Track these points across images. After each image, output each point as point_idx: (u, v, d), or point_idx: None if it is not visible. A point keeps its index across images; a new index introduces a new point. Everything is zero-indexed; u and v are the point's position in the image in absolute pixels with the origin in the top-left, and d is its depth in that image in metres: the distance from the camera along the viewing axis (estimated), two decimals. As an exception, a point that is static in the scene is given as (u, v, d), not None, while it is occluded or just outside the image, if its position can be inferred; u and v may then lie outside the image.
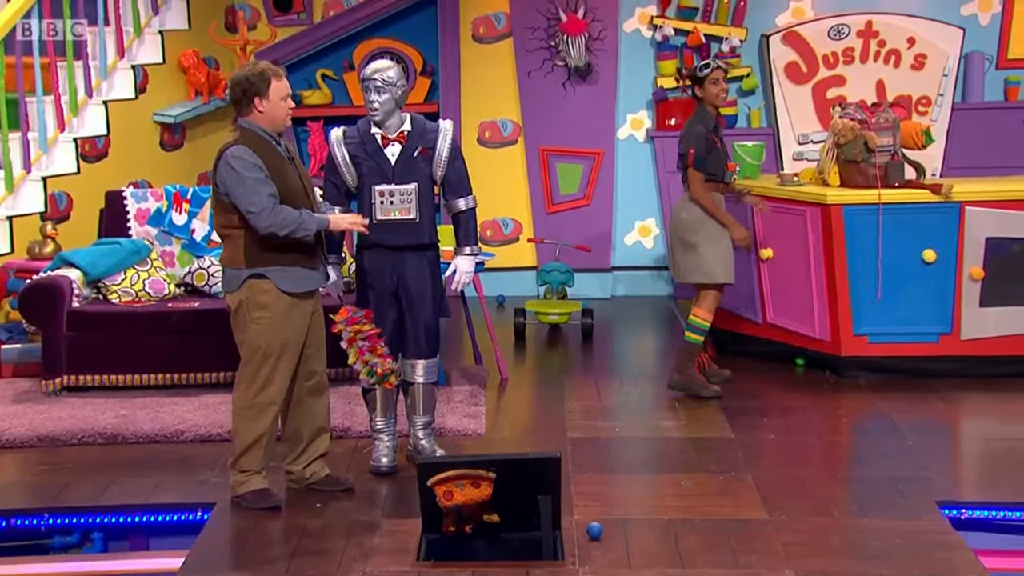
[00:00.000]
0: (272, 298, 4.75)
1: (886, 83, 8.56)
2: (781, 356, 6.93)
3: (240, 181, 4.63)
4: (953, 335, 6.54)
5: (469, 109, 8.97)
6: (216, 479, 5.22)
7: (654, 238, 9.12)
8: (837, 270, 6.52)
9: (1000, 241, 6.49)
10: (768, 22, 8.78)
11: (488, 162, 9.00)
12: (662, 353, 7.60)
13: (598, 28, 8.73)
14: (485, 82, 8.96)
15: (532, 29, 8.79)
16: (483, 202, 9.06)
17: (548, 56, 8.81)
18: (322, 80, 9.17)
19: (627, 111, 8.99)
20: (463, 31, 8.90)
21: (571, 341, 7.79)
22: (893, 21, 8.52)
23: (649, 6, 8.86)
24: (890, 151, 6.55)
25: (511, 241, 9.11)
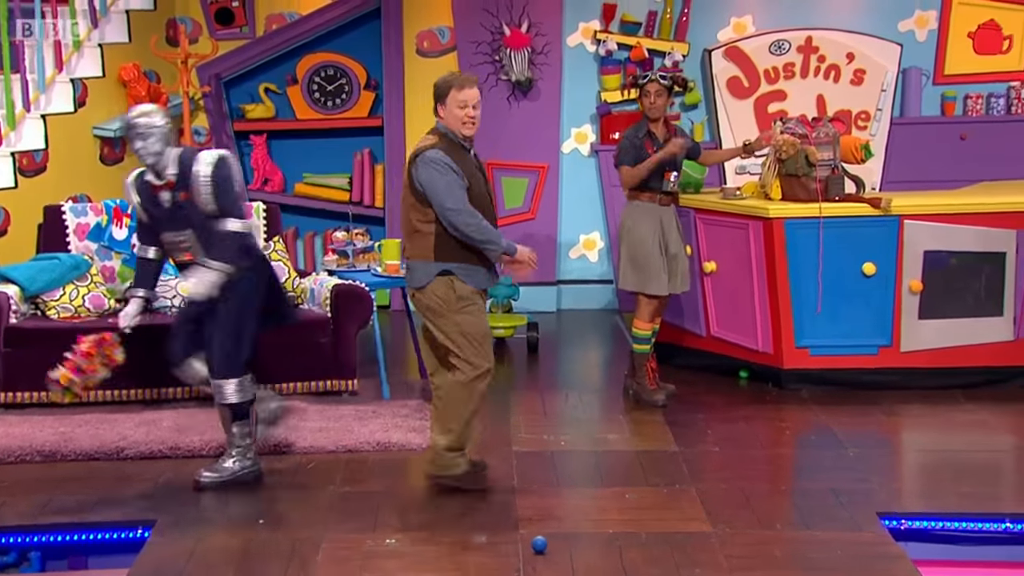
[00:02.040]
0: (468, 291, 5.08)
1: (826, 98, 8.66)
2: (724, 369, 6.97)
3: (438, 178, 4.98)
4: (893, 347, 6.61)
5: (413, 123, 8.94)
6: (158, 496, 5.14)
7: (599, 252, 9.14)
8: (779, 283, 6.57)
9: (938, 254, 6.58)
10: (710, 37, 8.86)
11: (433, 176, 8.99)
12: (607, 366, 7.61)
13: (542, 42, 8.76)
14: (429, 96, 8.82)
15: (476, 43, 8.80)
16: (428, 216, 9.22)
17: (492, 70, 8.81)
18: (265, 94, 9.11)
19: (571, 125, 9.02)
20: (407, 45, 8.89)
21: (517, 355, 7.78)
22: (833, 37, 8.63)
23: (592, 21, 8.90)
24: (830, 165, 6.62)
25: (456, 255, 9.08)
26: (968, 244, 6.55)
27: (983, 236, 6.53)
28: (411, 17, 8.87)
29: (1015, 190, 7.13)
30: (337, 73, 9.06)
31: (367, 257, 7.02)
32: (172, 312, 6.70)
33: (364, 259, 7.01)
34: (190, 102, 8.75)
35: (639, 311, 6.50)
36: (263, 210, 7.15)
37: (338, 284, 6.60)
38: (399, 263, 6.77)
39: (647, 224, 6.40)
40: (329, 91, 9.08)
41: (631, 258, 6.43)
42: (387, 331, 8.24)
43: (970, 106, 8.83)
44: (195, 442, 5.74)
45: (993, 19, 8.83)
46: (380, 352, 6.65)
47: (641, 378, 6.53)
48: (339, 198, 9.10)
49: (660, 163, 6.32)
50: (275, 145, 9.21)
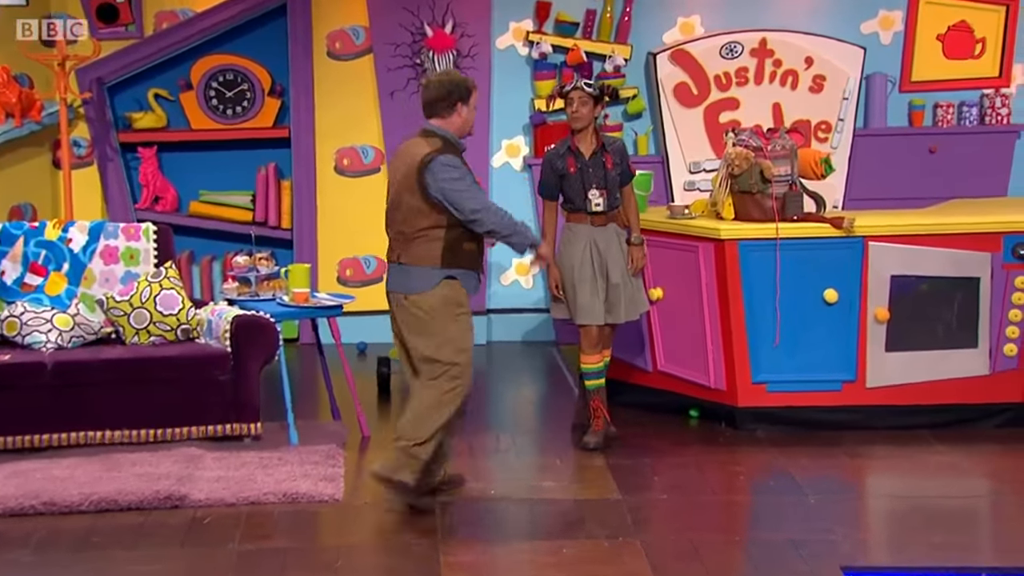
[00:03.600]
0: (465, 297, 5.60)
1: (783, 106, 8.80)
2: (673, 407, 7.02)
3: (459, 181, 5.50)
4: (858, 383, 6.70)
5: (324, 134, 8.92)
6: (28, 559, 5.06)
7: (534, 277, 9.16)
8: (732, 312, 6.65)
9: (906, 279, 6.69)
10: (655, 39, 8.96)
11: (347, 193, 8.98)
12: (543, 404, 7.62)
13: (468, 44, 8.80)
14: (342, 104, 8.94)
15: (395, 45, 8.81)
16: (342, 238, 9.21)
17: (413, 75, 8.82)
18: (155, 101, 9.03)
19: (502, 136, 9.05)
20: (317, 46, 8.88)
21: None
22: (789, 39, 8.77)
23: (525, 20, 8.96)
24: (787, 181, 6.70)
25: (374, 281, 9.05)
26: (939, 268, 6.67)
27: (955, 260, 6.66)
28: (321, 15, 8.87)
29: (990, 208, 7.28)
30: (237, 78, 9.01)
31: (272, 285, 6.98)
32: (47, 348, 6.61)
33: (269, 287, 6.97)
34: (68, 110, 8.65)
35: (580, 343, 6.58)
36: (153, 232, 7.09)
37: (239, 315, 6.56)
38: (307, 291, 6.75)
39: (577, 248, 6.47)
40: (228, 98, 9.03)
41: (570, 283, 6.49)
42: (295, 367, 8.18)
43: (940, 116, 9.01)
44: (74, 496, 5.66)
45: (964, 20, 9.01)
46: (287, 392, 6.60)
47: (589, 417, 6.60)
48: (240, 218, 9.04)
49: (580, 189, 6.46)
50: (167, 159, 9.13)
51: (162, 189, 9.06)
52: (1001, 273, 6.64)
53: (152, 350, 6.62)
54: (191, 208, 9.10)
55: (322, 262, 9.00)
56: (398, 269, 5.65)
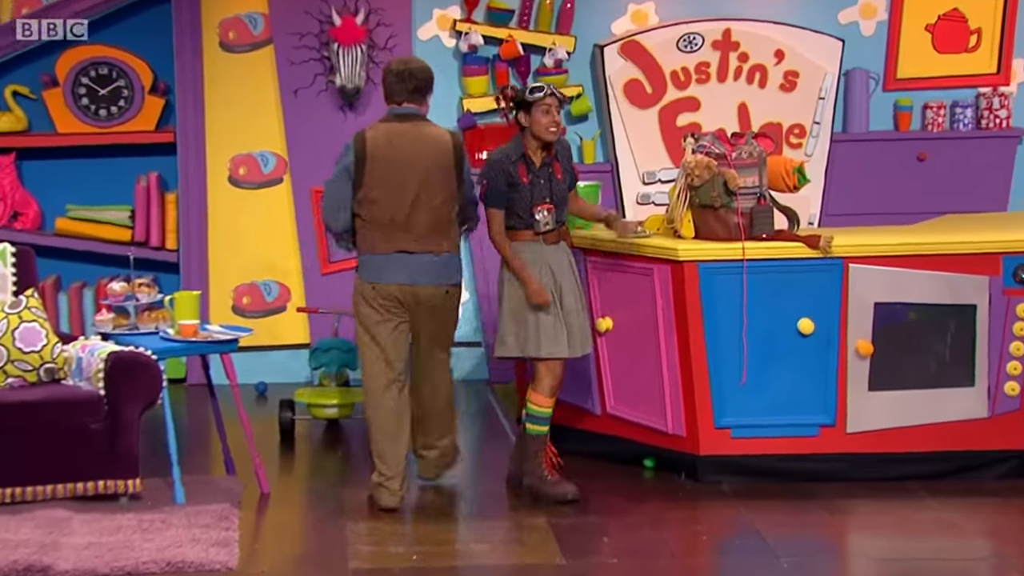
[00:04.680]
0: None
1: (750, 107, 8.88)
2: (625, 456, 7.03)
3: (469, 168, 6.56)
4: (837, 427, 6.75)
5: (217, 139, 8.88)
6: None
7: (464, 307, 9.11)
8: (692, 345, 6.67)
9: (892, 307, 6.75)
10: (602, 29, 9.01)
11: (243, 208, 8.96)
12: (476, 452, 7.61)
13: (385, 35, 8.81)
14: (238, 104, 8.91)
15: (299, 35, 8.81)
16: (238, 261, 9.15)
17: (321, 70, 8.82)
18: (14, 100, 8.95)
19: (425, 141, 9.07)
20: (207, 37, 8.85)
21: (355, 441, 7.75)
22: (757, 30, 8.86)
23: (451, 7, 8.99)
24: (755, 194, 6.74)
25: (275, 311, 9.04)
26: (930, 295, 6.74)
27: (949, 284, 6.72)
28: (212, 0, 8.84)
29: (988, 225, 7.38)
30: (113, 73, 8.95)
31: (155, 316, 6.93)
32: None
33: (151, 318, 6.91)
34: (-92, 109, 8.57)
35: (538, 382, 6.53)
36: (12, 254, 7.01)
37: (115, 352, 6.50)
38: (196, 323, 6.70)
39: (532, 270, 6.49)
40: (102, 96, 8.97)
41: (514, 314, 6.48)
42: (182, 413, 8.12)
43: (930, 118, 9.13)
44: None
45: (957, 8, 9.14)
46: (172, 442, 6.54)
47: (538, 466, 6.56)
48: (116, 237, 8.98)
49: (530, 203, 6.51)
50: (28, 167, 9.05)
51: (22, 204, 8.97)
52: (1001, 300, 6.72)
53: (9, 394, 6.54)
54: (57, 226, 9.02)
55: (214, 289, 8.96)
56: (435, 261, 6.45)
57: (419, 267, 6.41)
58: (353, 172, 6.46)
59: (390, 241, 6.41)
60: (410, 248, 6.39)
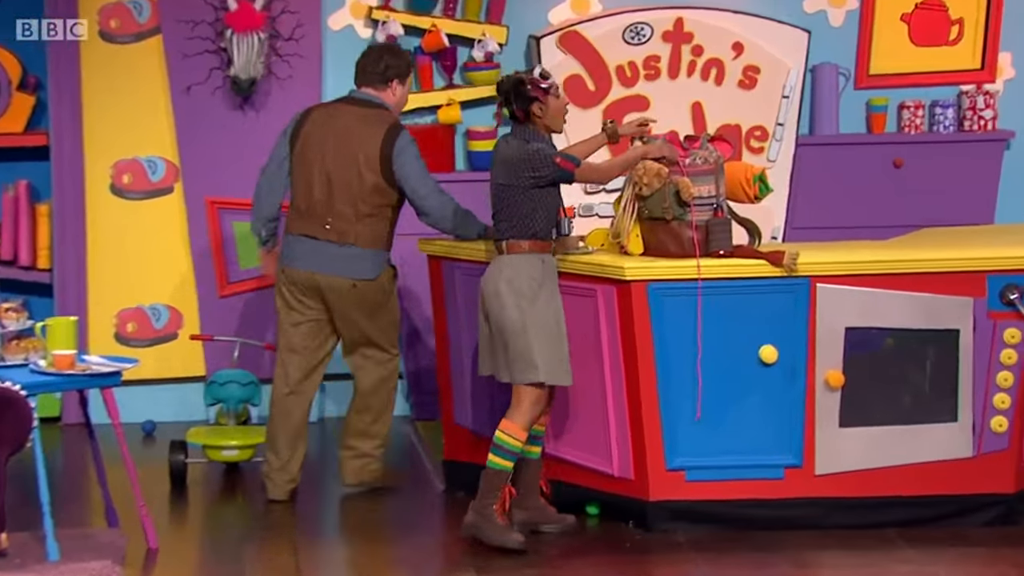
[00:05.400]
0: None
1: (705, 107, 8.92)
2: (566, 502, 7.00)
3: (419, 159, 7.06)
4: (804, 469, 6.76)
5: (97, 142, 8.83)
6: None
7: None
8: (641, 376, 6.67)
9: (865, 333, 6.78)
10: (539, 19, 9.03)
11: (128, 221, 8.92)
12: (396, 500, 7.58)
13: (291, 23, 8.79)
14: (121, 102, 8.88)
15: (191, 24, 8.76)
16: (122, 282, 9.07)
17: (217, 64, 8.78)
18: None
19: (338, 145, 9.06)
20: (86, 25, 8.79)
21: (257, 487, 7.68)
22: (712, 20, 8.89)
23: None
24: (712, 205, 6.75)
25: (165, 339, 9.00)
26: (907, 319, 6.77)
27: (928, 307, 6.75)
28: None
29: (971, 240, 7.43)
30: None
31: (24, 345, 6.86)
32: None
33: (19, 348, 6.85)
34: None
35: (520, 411, 6.50)
36: None
37: (-23, 387, 6.41)
38: (73, 353, 6.62)
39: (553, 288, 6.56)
40: (-40, 94, 8.91)
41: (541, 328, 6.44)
42: (56, 457, 8.05)
43: (907, 119, 9.21)
44: None
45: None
46: (44, 489, 6.46)
47: (488, 505, 6.53)
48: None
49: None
50: None
51: None
52: (986, 324, 6.76)
53: None
54: (-94, 243, 8.93)
55: (94, 314, 8.92)
56: (339, 251, 7.03)
57: (322, 255, 7.07)
58: (285, 146, 7.25)
59: (300, 223, 7.18)
60: (316, 234, 7.10)
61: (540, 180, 6.44)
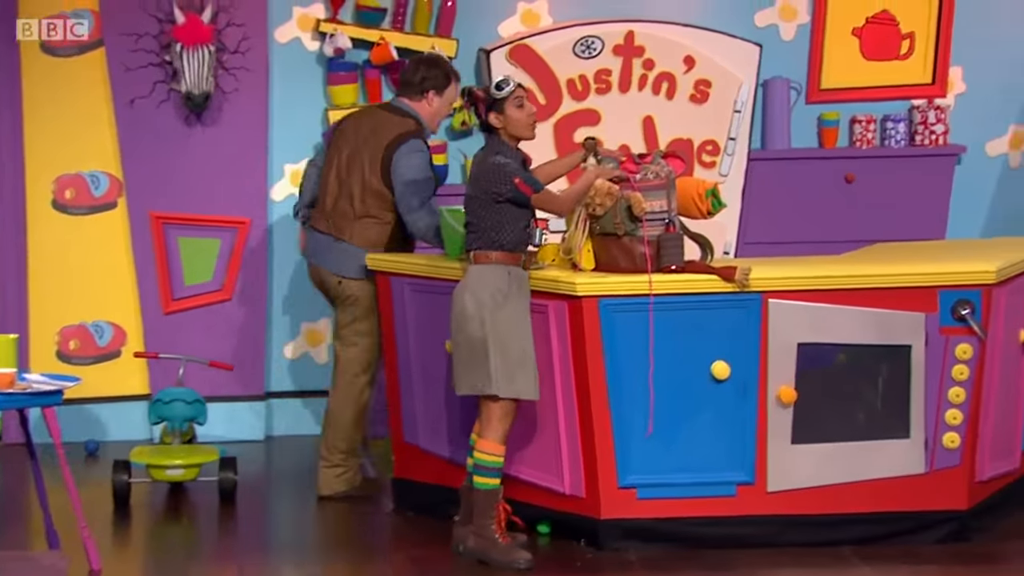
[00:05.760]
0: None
1: (656, 121, 8.93)
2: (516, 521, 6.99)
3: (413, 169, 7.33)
4: (756, 486, 6.76)
5: (39, 156, 8.78)
6: None
7: (330, 348, 9.09)
8: (592, 392, 6.65)
9: (817, 349, 6.78)
10: (488, 32, 9.04)
11: (70, 237, 8.87)
12: (347, 521, 7.55)
13: (237, 37, 8.76)
14: (63, 116, 8.84)
15: (135, 36, 8.72)
16: (64, 299, 8.99)
17: (161, 77, 8.74)
18: None
19: (285, 160, 9.04)
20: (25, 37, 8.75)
21: (203, 507, 7.68)
22: (664, 33, 8.92)
23: (314, 5, 8.98)
24: (663, 220, 6.75)
25: (108, 356, 8.96)
26: (860, 334, 6.78)
27: (880, 322, 6.76)
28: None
29: (923, 255, 7.47)
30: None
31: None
32: None
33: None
34: None
35: (490, 426, 6.51)
36: None
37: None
38: (12, 372, 6.55)
39: (522, 300, 6.52)
40: None
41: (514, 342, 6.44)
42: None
43: (858, 133, 9.25)
44: None
45: (887, 10, 9.30)
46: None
47: (487, 527, 6.52)
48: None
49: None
50: None
51: None
52: (938, 340, 6.77)
53: None
54: None
55: (35, 332, 8.88)
56: (334, 245, 7.48)
57: (323, 249, 7.57)
58: (324, 144, 7.87)
59: (315, 218, 7.67)
60: (321, 228, 7.57)
61: (499, 196, 6.42)
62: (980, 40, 9.28)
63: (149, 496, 7.83)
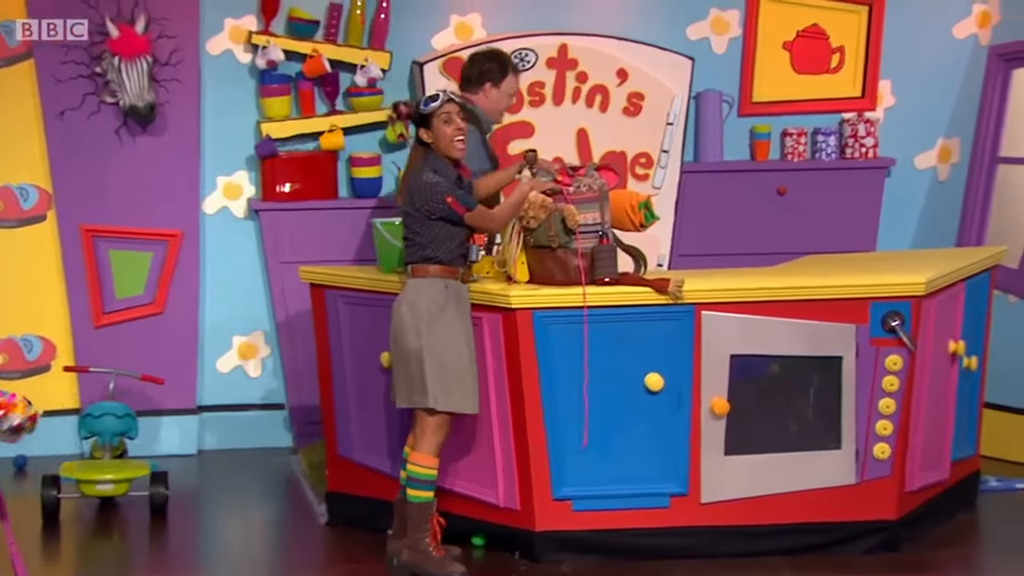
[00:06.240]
0: None
1: (590, 133, 8.96)
2: (451, 534, 6.95)
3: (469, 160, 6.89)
4: (690, 497, 6.78)
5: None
6: None
7: (263, 362, 9.08)
8: (527, 404, 6.66)
9: (750, 360, 6.82)
10: (422, 44, 9.04)
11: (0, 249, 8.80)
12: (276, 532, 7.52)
13: (168, 48, 8.73)
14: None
15: (65, 48, 8.69)
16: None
17: (92, 89, 8.70)
18: None
19: (217, 172, 9.01)
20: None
21: (134, 523, 7.63)
22: (597, 46, 8.94)
23: (246, 17, 8.95)
24: (597, 232, 6.76)
25: (38, 371, 8.90)
26: (792, 346, 6.82)
27: (812, 334, 6.81)
28: (-42, 5, 8.72)
29: (854, 267, 7.52)
30: None
31: None
32: None
33: None
34: None
35: (424, 439, 6.51)
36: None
37: None
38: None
39: (459, 313, 6.51)
40: None
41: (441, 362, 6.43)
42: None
43: (790, 146, 9.31)
44: None
45: (817, 23, 9.36)
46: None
47: (422, 540, 6.51)
48: None
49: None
50: None
51: None
52: (868, 351, 6.82)
53: None
54: None
55: (-39, 346, 8.80)
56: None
57: None
58: None
59: None
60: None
61: (431, 214, 6.42)
62: (909, 54, 9.37)
63: (79, 511, 7.77)
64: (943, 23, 9.40)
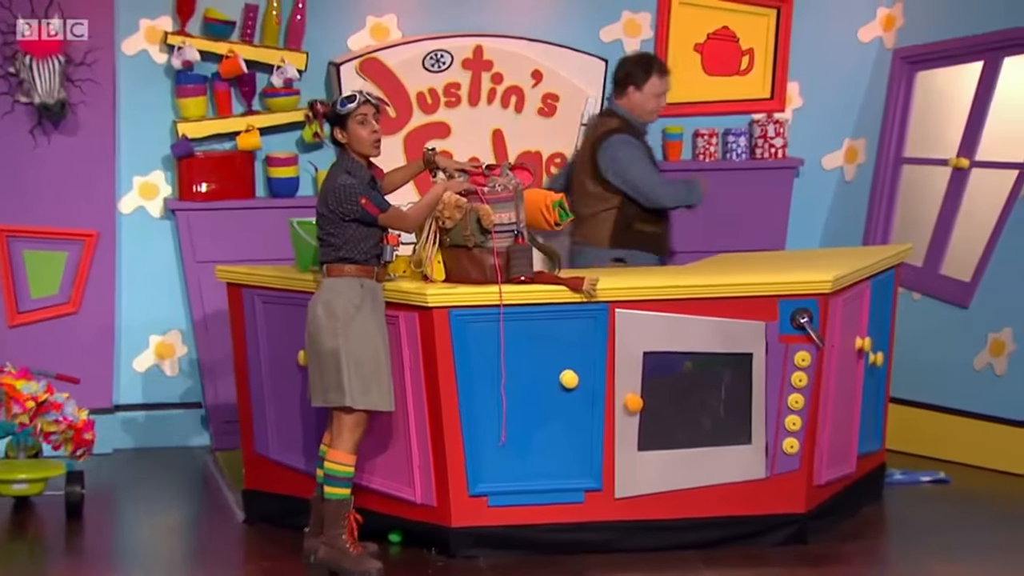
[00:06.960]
0: None
1: (505, 134, 9.01)
2: (367, 530, 6.95)
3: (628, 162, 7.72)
4: (604, 492, 6.81)
5: None
6: None
7: (180, 361, 9.04)
8: (443, 402, 6.68)
9: (664, 357, 6.87)
10: (338, 45, 9.04)
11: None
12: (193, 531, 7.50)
13: (83, 48, 8.67)
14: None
15: (-23, 48, 8.64)
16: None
17: (5, 88, 8.64)
18: None
19: (133, 172, 8.97)
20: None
21: (49, 522, 7.58)
22: (512, 48, 8.99)
23: (161, 18, 8.90)
24: (512, 231, 6.79)
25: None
26: (704, 343, 6.88)
27: (723, 331, 6.87)
28: None
29: (763, 265, 7.61)
30: None
31: None
32: None
33: None
34: None
35: (341, 437, 6.49)
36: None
37: None
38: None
39: (375, 312, 6.50)
40: None
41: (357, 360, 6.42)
42: None
43: (701, 147, 9.40)
44: None
45: (727, 26, 9.45)
46: None
47: (338, 536, 6.49)
48: None
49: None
50: None
51: None
52: (778, 347, 6.90)
53: None
54: None
55: None
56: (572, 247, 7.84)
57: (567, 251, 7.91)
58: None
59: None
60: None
61: (345, 215, 6.43)
62: (816, 57, 9.48)
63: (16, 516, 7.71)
64: (849, 26, 9.53)
